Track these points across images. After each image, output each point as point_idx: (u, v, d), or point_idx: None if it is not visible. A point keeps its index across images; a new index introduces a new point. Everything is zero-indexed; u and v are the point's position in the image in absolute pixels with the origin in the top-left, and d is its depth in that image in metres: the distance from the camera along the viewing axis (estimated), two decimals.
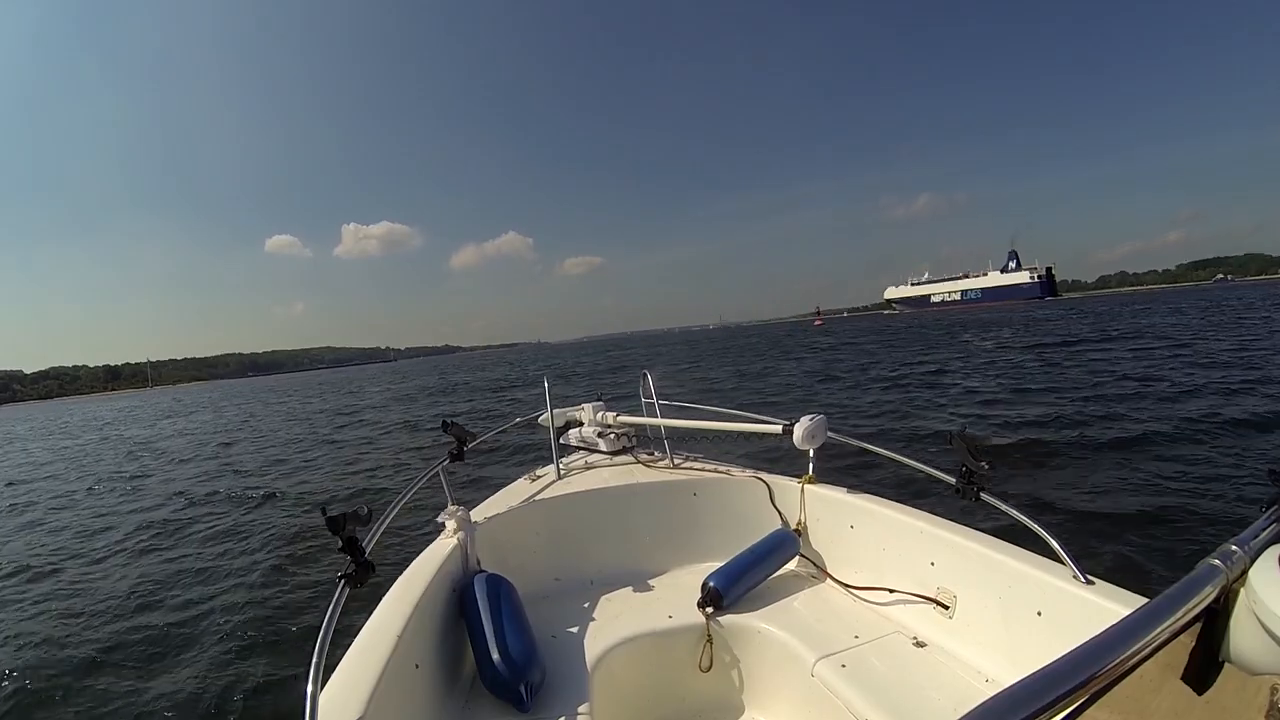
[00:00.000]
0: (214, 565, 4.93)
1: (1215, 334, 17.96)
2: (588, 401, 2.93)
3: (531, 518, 2.20)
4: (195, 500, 7.73)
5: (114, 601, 4.33)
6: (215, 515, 6.72)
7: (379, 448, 11.03)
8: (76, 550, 5.91)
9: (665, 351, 43.65)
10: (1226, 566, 0.74)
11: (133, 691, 3.12)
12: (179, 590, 4.46)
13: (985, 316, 54.84)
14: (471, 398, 20.50)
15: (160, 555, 5.43)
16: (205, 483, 9.04)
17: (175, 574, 4.83)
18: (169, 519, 6.77)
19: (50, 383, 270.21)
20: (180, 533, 6.15)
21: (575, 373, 30.76)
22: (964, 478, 1.65)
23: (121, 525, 6.76)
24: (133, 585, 4.61)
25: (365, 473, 8.72)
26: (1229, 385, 8.89)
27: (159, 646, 3.58)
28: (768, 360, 24.47)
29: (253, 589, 4.28)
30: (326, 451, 11.27)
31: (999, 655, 1.51)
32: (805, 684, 1.62)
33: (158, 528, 6.39)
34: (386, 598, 1.52)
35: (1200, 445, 5.92)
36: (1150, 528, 3.97)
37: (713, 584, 1.86)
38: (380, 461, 9.48)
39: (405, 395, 25.02)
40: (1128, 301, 67.33)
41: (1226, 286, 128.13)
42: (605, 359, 42.35)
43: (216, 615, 3.91)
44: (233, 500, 7.49)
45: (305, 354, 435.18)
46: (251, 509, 6.86)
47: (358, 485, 7.78)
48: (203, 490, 8.37)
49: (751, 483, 2.30)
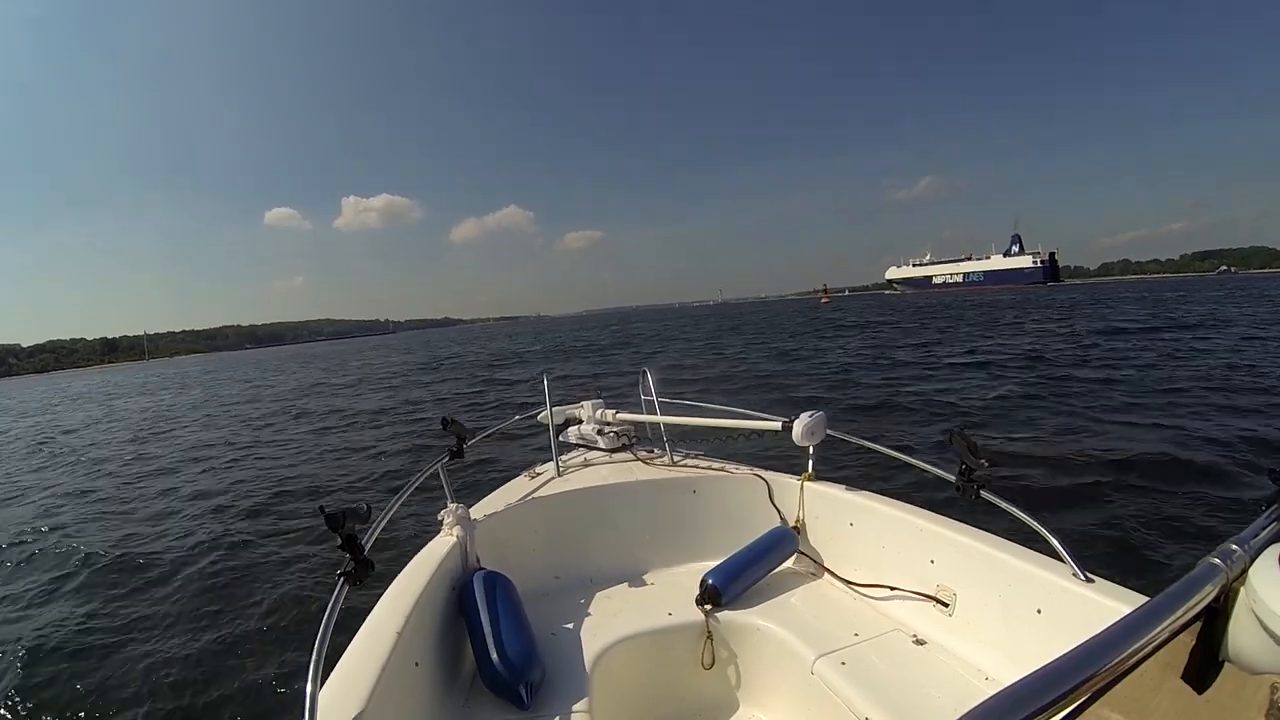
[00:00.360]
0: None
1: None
2: (587, 399, 2.92)
3: (531, 515, 2.20)
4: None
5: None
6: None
7: (308, 458, 8.74)
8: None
9: (673, 328, 41.57)
10: (1226, 565, 0.75)
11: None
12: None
13: (1005, 299, 51.09)
14: (457, 379, 18.39)
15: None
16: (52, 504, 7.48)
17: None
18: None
19: (46, 356, 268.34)
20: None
21: (573, 347, 30.11)
22: (964, 475, 1.65)
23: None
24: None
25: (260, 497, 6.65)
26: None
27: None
28: (801, 339, 22.26)
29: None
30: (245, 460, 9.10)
31: (999, 653, 1.52)
32: (805, 681, 1.63)
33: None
34: (386, 595, 1.52)
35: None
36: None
37: (711, 581, 1.86)
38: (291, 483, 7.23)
39: (389, 373, 22.65)
40: (1147, 288, 63.92)
41: (1235, 278, 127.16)
42: (609, 335, 40.63)
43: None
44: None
45: (304, 326, 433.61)
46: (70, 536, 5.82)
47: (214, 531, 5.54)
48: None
49: (751, 480, 2.30)
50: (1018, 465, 5.54)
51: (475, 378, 18.66)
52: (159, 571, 4.68)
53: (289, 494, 6.72)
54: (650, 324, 49.04)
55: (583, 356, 23.88)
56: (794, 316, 42.76)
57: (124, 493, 7.75)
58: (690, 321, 53.01)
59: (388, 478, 7.05)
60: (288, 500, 6.45)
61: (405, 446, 8.87)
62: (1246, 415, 6.84)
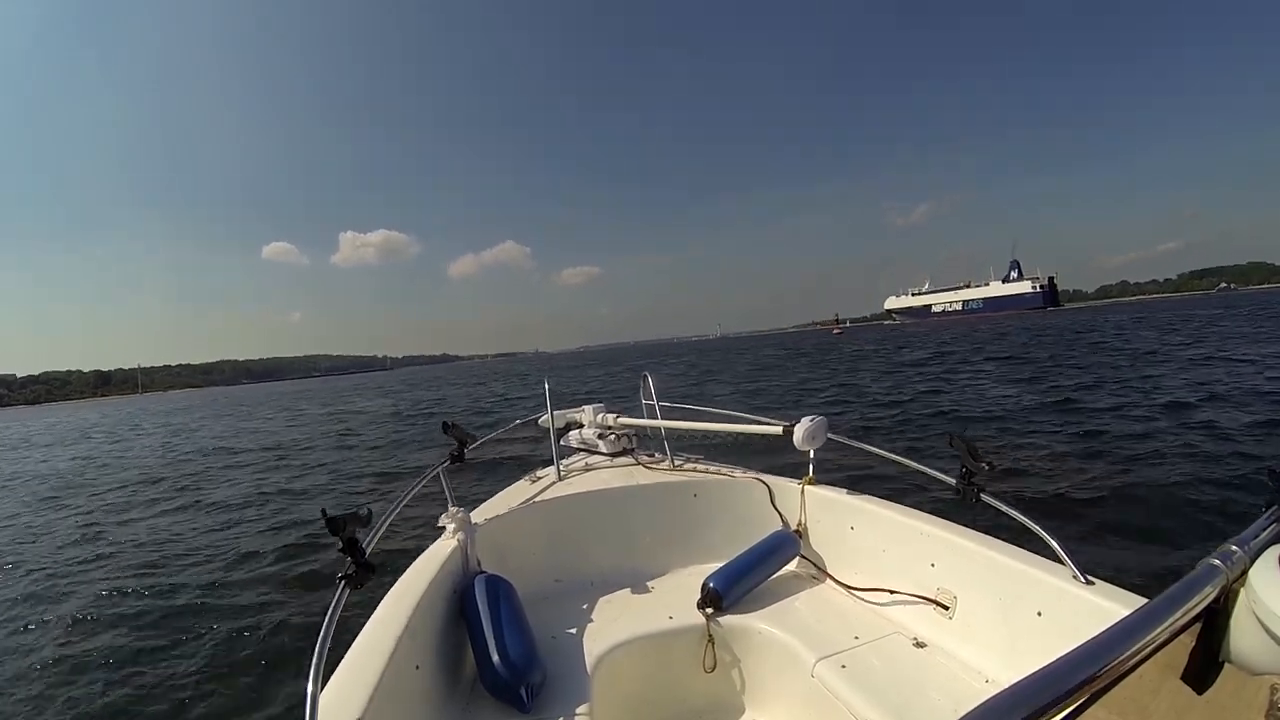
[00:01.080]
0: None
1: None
2: (588, 403, 2.94)
3: (532, 519, 2.20)
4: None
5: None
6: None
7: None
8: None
9: (681, 363, 33.87)
10: (1226, 566, 0.75)
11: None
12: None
13: (1038, 323, 43.52)
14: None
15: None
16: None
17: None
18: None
19: (39, 388, 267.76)
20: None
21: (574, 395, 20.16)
22: (964, 478, 1.66)
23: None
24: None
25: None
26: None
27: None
28: (841, 374, 17.91)
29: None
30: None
31: (999, 656, 1.52)
32: (806, 684, 1.62)
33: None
34: (387, 599, 1.52)
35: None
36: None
37: (712, 585, 1.86)
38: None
39: (332, 428, 15.76)
40: (1145, 309, 60.76)
41: (1234, 294, 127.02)
42: (613, 378, 26.88)
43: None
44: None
45: (302, 361, 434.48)
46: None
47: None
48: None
49: (752, 484, 2.31)
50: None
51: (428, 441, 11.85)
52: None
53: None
54: (651, 360, 40.55)
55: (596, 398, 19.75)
56: (814, 351, 34.79)
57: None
58: (696, 354, 47.69)
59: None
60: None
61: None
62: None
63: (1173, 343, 18.44)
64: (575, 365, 53.61)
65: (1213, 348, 15.65)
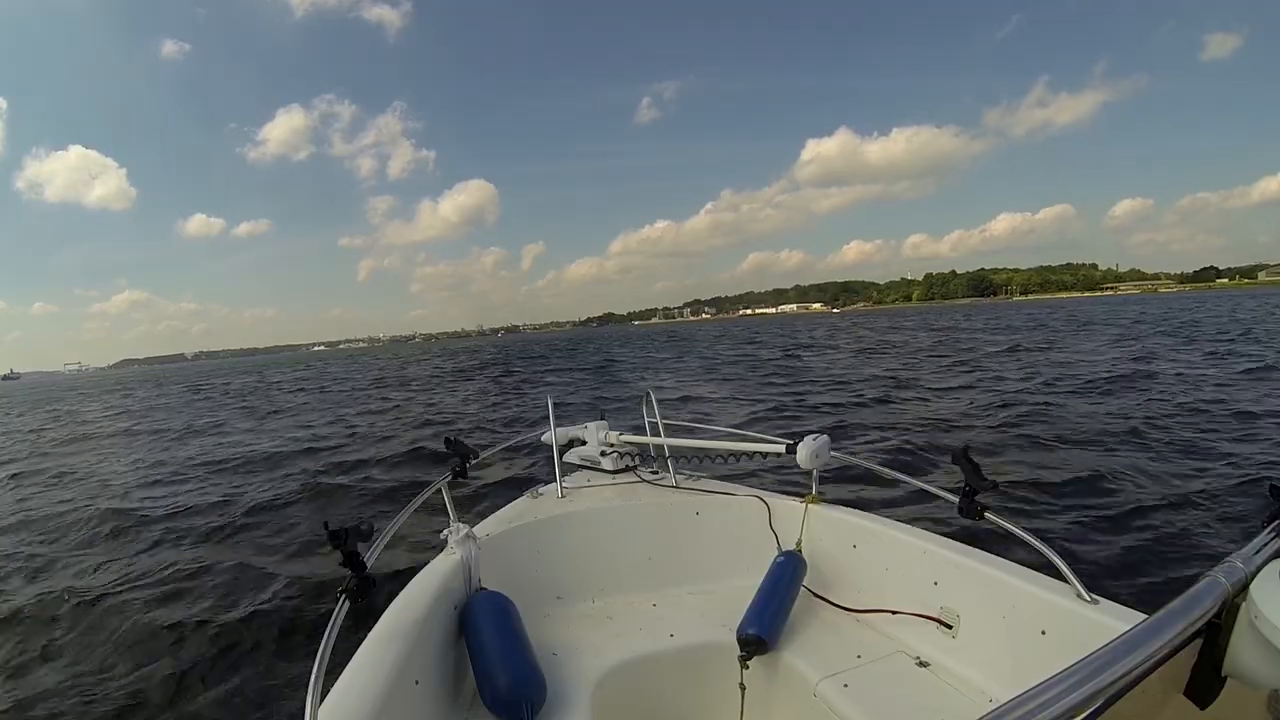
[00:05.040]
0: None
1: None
2: (591, 420, 2.95)
3: (534, 536, 2.20)
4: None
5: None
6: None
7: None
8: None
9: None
10: (1228, 581, 0.76)
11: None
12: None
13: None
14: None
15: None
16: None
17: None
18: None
19: None
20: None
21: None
22: (967, 496, 1.66)
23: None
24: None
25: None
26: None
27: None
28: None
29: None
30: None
31: (1002, 675, 1.51)
32: (808, 704, 1.61)
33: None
34: (387, 614, 1.51)
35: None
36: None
37: (753, 631, 1.76)
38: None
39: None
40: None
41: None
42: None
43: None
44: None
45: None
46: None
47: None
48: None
49: (754, 503, 2.31)
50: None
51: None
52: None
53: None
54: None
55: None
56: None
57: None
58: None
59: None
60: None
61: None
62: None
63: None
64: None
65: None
